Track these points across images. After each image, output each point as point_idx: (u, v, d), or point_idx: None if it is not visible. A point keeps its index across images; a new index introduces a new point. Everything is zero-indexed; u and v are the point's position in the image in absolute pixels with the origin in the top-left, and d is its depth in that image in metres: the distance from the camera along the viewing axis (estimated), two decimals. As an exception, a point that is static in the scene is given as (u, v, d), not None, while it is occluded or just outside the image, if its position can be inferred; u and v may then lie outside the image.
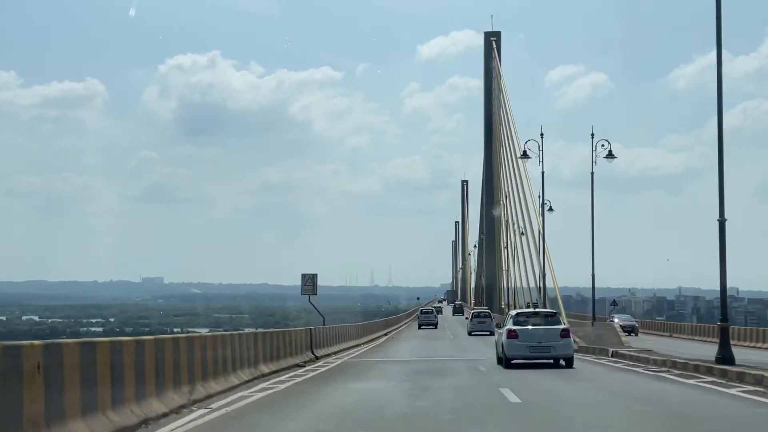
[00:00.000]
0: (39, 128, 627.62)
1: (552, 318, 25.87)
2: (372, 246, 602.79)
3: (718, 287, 21.99)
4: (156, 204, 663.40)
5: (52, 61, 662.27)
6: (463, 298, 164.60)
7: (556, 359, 24.94)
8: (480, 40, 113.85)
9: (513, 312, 27.54)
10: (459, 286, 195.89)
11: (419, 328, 72.36)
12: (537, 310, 29.85)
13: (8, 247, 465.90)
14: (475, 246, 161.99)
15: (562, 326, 25.39)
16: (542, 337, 24.64)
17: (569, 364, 24.60)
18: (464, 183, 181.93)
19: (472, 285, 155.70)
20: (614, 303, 73.61)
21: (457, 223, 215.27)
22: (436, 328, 72.20)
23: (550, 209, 54.26)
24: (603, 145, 46.88)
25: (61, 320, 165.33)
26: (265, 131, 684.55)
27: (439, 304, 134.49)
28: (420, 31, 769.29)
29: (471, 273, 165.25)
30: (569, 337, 25.16)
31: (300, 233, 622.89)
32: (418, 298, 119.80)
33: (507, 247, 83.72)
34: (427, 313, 77.53)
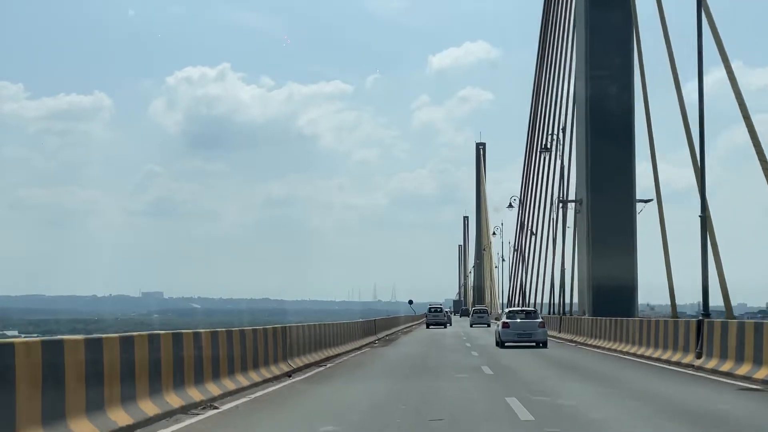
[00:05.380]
0: (45, 141, 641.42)
1: (533, 314, 38.18)
2: (376, 261, 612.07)
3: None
4: (159, 218, 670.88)
5: (60, 74, 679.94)
6: (480, 301, 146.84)
7: (536, 342, 37.19)
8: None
9: (507, 309, 40.07)
10: (472, 291, 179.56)
11: (427, 327, 74.79)
12: (523, 308, 42.57)
13: (9, 261, 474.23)
14: (494, 233, 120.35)
15: (539, 320, 37.63)
16: (526, 327, 36.92)
17: (545, 346, 36.80)
18: (480, 146, 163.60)
19: (498, 289, 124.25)
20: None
21: (466, 218, 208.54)
22: (445, 327, 74.62)
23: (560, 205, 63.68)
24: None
25: (37, 336, 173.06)
26: (272, 145, 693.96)
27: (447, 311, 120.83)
28: (433, 42, 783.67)
29: (490, 270, 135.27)
30: (544, 327, 37.39)
31: (304, 248, 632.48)
32: (410, 302, 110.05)
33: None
34: (435, 311, 77.71)
